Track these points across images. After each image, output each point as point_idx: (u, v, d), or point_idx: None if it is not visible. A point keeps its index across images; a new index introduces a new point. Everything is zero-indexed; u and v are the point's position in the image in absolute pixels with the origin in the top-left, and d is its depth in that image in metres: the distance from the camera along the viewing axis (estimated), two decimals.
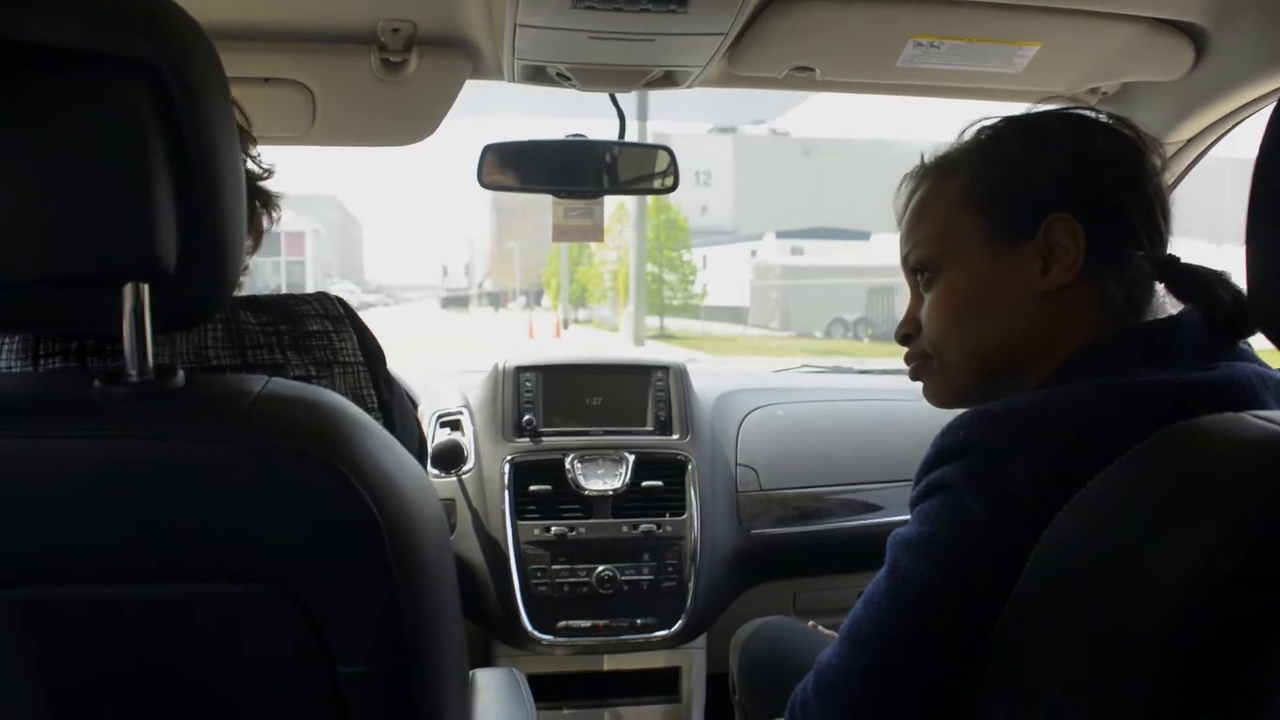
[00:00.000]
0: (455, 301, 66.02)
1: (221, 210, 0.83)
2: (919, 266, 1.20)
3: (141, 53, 0.77)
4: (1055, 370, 1.09)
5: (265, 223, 1.22)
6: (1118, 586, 0.82)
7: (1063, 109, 1.19)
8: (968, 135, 1.20)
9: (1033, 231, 1.10)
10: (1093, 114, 1.18)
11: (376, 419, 1.01)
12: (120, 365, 0.81)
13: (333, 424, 0.85)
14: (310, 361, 1.06)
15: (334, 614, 0.81)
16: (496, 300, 67.06)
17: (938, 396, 1.24)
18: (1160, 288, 1.13)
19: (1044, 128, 1.17)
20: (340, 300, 1.13)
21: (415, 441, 1.29)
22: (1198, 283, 1.09)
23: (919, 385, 1.26)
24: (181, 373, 0.84)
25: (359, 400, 1.08)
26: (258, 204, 1.20)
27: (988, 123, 1.19)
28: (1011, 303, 1.12)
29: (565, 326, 34.35)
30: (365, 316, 1.14)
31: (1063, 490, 0.91)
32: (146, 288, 0.80)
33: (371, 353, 1.12)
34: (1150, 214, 1.12)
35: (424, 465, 1.31)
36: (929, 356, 1.21)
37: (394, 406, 1.14)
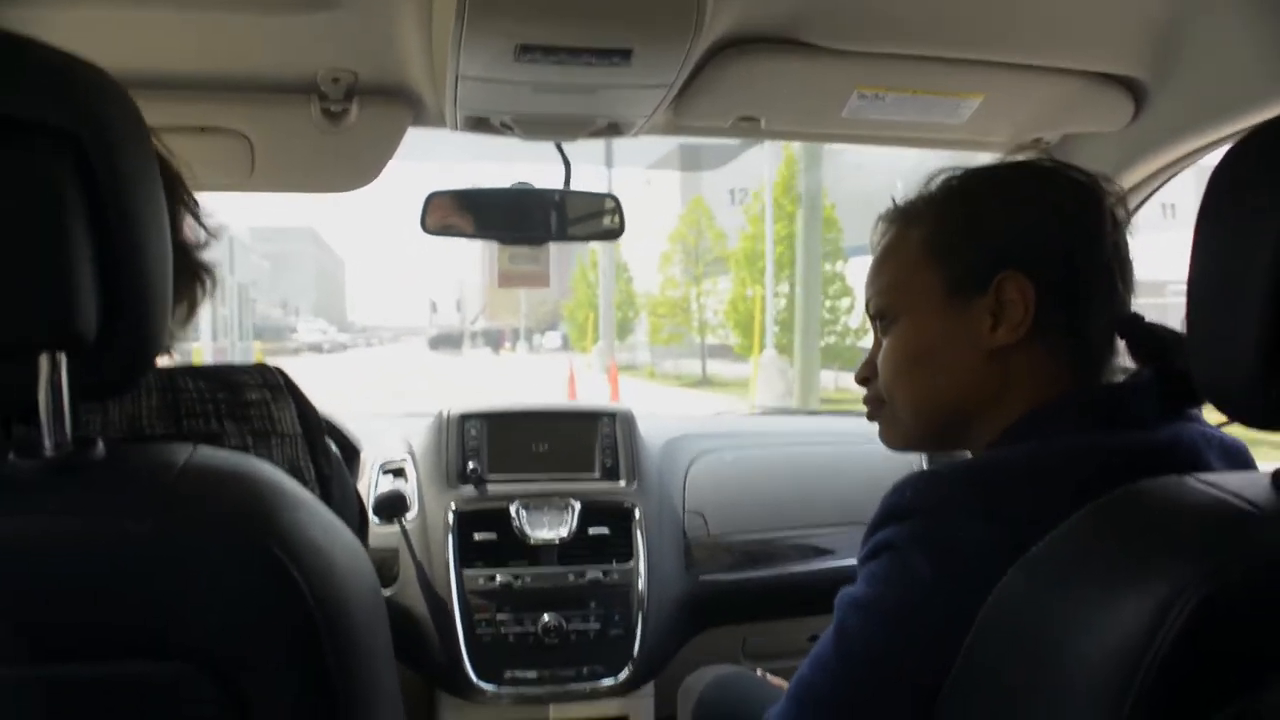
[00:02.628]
0: (446, 341, 60.65)
1: (145, 277, 0.80)
2: (877, 314, 1.20)
3: (63, 121, 0.75)
4: (1005, 431, 1.09)
5: (200, 293, 1.18)
6: (1060, 654, 0.81)
7: (1028, 159, 1.19)
8: (934, 185, 1.19)
9: (985, 287, 1.09)
10: (1056, 167, 1.18)
11: (314, 492, 0.99)
12: (36, 437, 0.78)
13: (262, 498, 0.82)
14: (248, 431, 1.03)
15: (263, 694, 0.78)
16: (494, 339, 61.69)
17: (890, 441, 1.24)
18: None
19: (1005, 181, 1.17)
20: (280, 371, 1.10)
21: (354, 516, 1.26)
22: (1157, 344, 1.09)
23: (868, 428, 1.28)
24: (101, 444, 0.81)
25: (296, 473, 1.05)
26: (193, 274, 1.17)
27: (953, 173, 1.19)
28: (960, 359, 1.12)
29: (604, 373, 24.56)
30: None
31: (1009, 552, 0.90)
32: (64, 357, 0.78)
33: (310, 425, 1.10)
34: (1109, 271, 1.11)
35: (363, 538, 1.27)
36: (884, 401, 1.21)
37: (333, 480, 1.12)
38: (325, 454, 1.11)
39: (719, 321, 29.26)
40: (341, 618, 0.80)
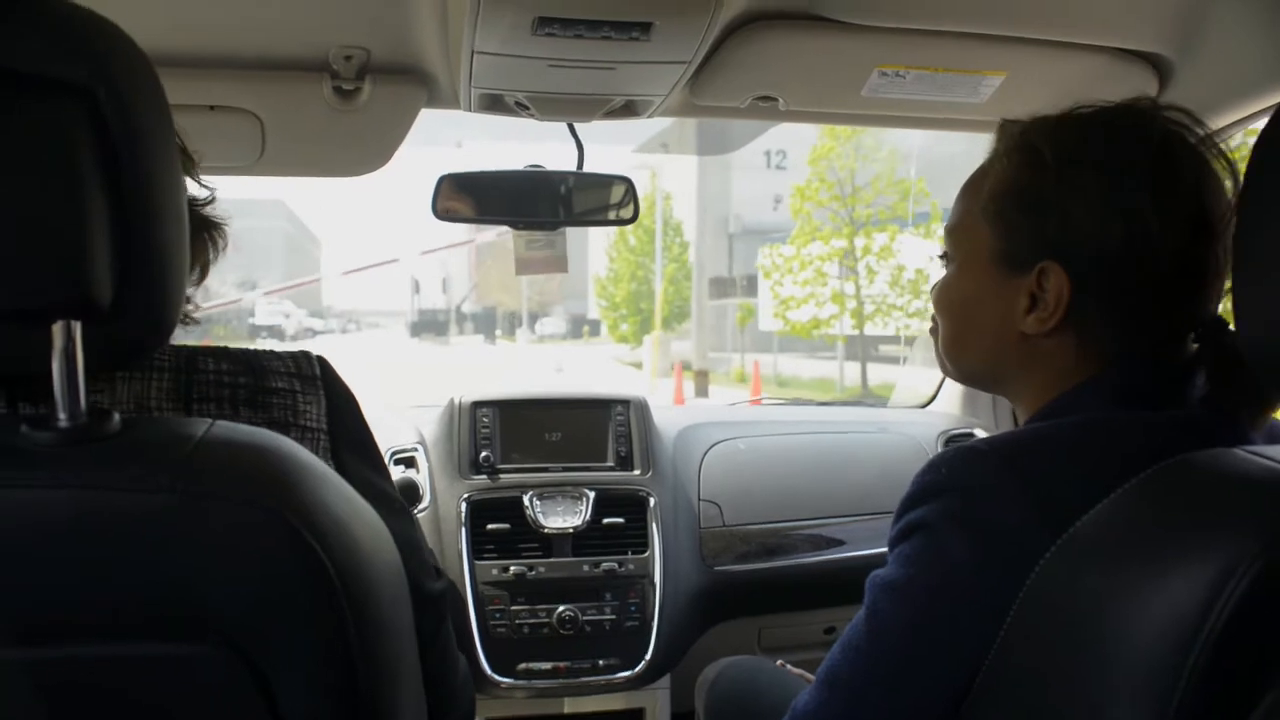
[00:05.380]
0: (430, 326, 53.48)
1: (161, 242, 0.78)
2: (946, 240, 1.18)
3: (78, 76, 0.72)
4: (1042, 407, 1.06)
5: (211, 253, 1.16)
6: (1108, 634, 0.79)
7: (1127, 108, 1.07)
8: (1020, 131, 1.10)
9: (1029, 269, 1.06)
10: (1149, 137, 1.03)
11: None
12: (51, 409, 0.76)
13: (284, 471, 0.79)
14: (264, 420, 0.99)
15: (284, 672, 0.76)
16: (488, 323, 52.63)
17: (939, 364, 1.23)
18: None
19: (1078, 155, 1.04)
20: (321, 361, 1.06)
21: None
22: (1227, 362, 0.99)
23: (880, 417, 1.25)
24: (117, 416, 0.78)
25: None
26: (204, 234, 1.14)
27: (1044, 124, 1.09)
28: (993, 327, 1.10)
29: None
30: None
31: (1050, 532, 0.88)
32: (79, 325, 0.75)
33: (341, 423, 1.04)
34: (1171, 282, 1.02)
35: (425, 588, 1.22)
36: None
37: (354, 484, 1.07)
38: (356, 452, 1.05)
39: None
40: (364, 593, 0.78)
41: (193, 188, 1.12)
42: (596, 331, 42.58)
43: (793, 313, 18.67)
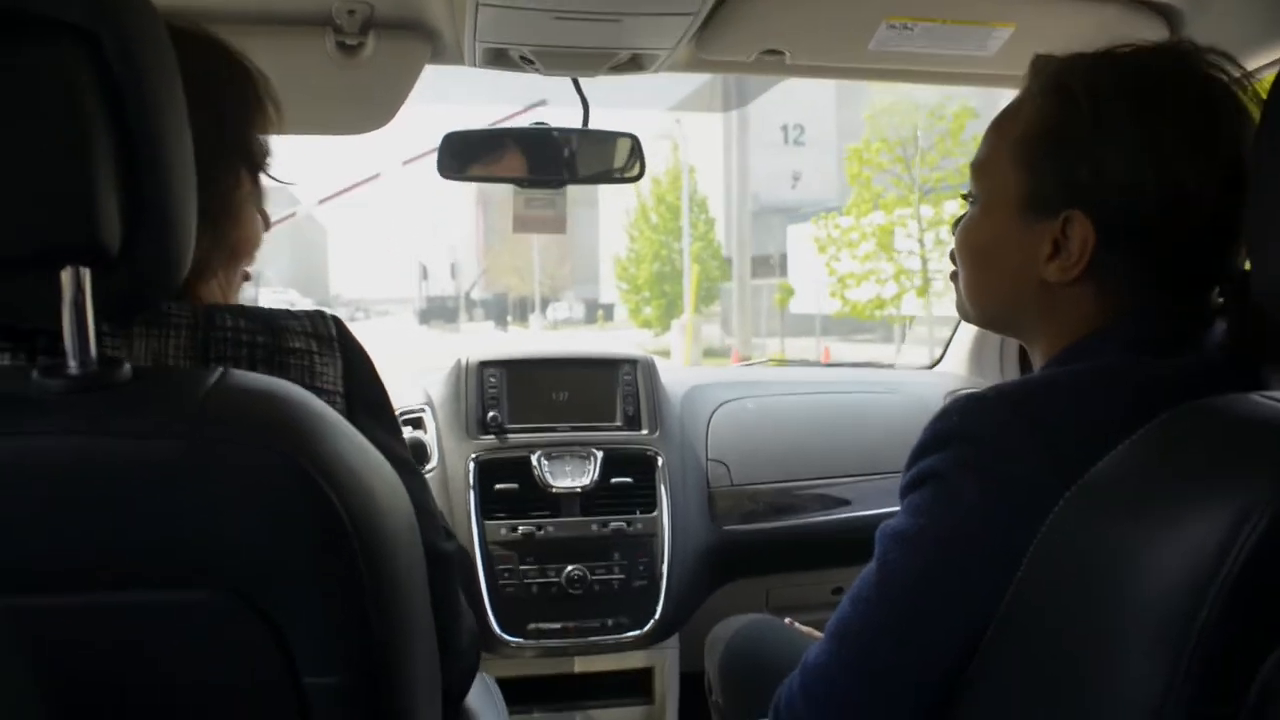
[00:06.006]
0: (438, 313, 51.22)
1: (169, 186, 0.78)
2: (971, 179, 1.15)
3: (79, 18, 0.72)
4: (1061, 352, 1.05)
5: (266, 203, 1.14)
6: (1123, 581, 0.78)
7: (1168, 49, 1.04)
8: (1054, 70, 1.07)
9: (1055, 215, 1.03)
10: (1186, 83, 1.00)
11: None
12: (61, 358, 0.75)
13: (297, 418, 0.79)
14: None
15: (298, 623, 0.75)
16: (499, 309, 50.04)
17: (957, 308, 1.22)
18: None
19: (1110, 100, 1.01)
20: (337, 321, 1.05)
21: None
22: (1247, 308, 0.97)
23: (888, 378, 1.25)
24: (128, 365, 0.78)
25: None
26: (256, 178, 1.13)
27: (1079, 63, 1.05)
28: (1015, 271, 1.08)
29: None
30: None
31: (1059, 476, 0.88)
32: (88, 272, 0.74)
33: (358, 383, 1.04)
34: (1203, 234, 1.00)
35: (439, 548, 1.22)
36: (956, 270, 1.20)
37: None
38: (371, 414, 1.05)
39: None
40: (378, 543, 0.78)
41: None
42: (611, 316, 40.56)
43: (852, 291, 17.02)
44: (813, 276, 18.73)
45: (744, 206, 25.93)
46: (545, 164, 1.92)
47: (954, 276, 1.19)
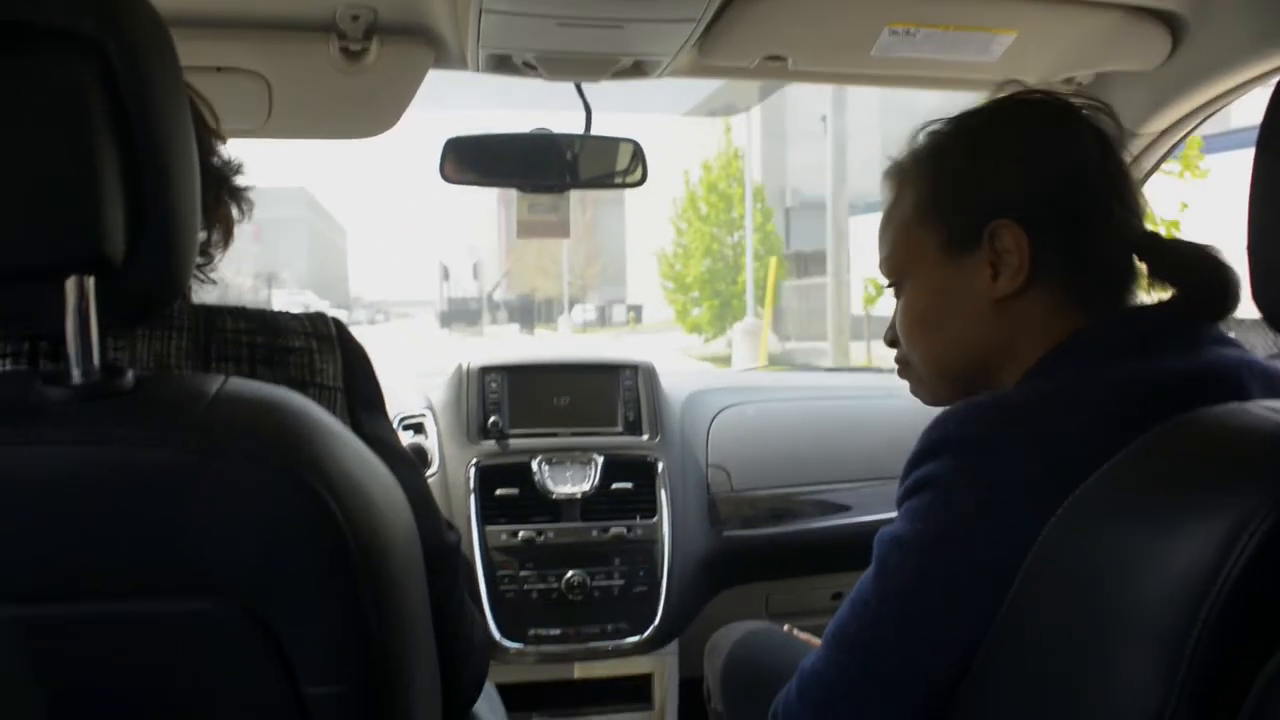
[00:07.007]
0: (461, 315, 50.26)
1: (173, 197, 0.78)
2: (888, 278, 1.20)
3: (85, 28, 0.72)
4: (1038, 363, 1.06)
5: (235, 213, 1.16)
6: (1119, 591, 0.79)
7: (1005, 98, 1.17)
8: (919, 141, 1.18)
9: (979, 239, 1.08)
10: (1033, 99, 1.16)
11: None
12: (65, 366, 0.76)
13: (299, 428, 0.79)
14: (283, 379, 0.99)
15: (298, 632, 0.75)
16: (524, 311, 48.14)
17: (921, 397, 1.24)
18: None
19: (982, 129, 1.15)
20: (336, 322, 1.07)
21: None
22: (1177, 259, 1.07)
23: (887, 383, 1.27)
24: (131, 373, 0.78)
25: None
26: (224, 196, 1.14)
27: (934, 127, 1.18)
28: (967, 313, 1.11)
29: None
30: None
31: (1054, 484, 0.88)
32: (92, 281, 0.75)
33: (357, 380, 1.05)
34: (1104, 198, 1.09)
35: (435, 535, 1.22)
36: (909, 362, 1.21)
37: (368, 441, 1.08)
38: (370, 411, 1.07)
39: None
40: (378, 552, 0.78)
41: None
42: (640, 318, 38.62)
43: None
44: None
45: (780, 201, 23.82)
46: (547, 168, 1.93)
47: (904, 365, 1.23)
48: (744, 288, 22.09)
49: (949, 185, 1.13)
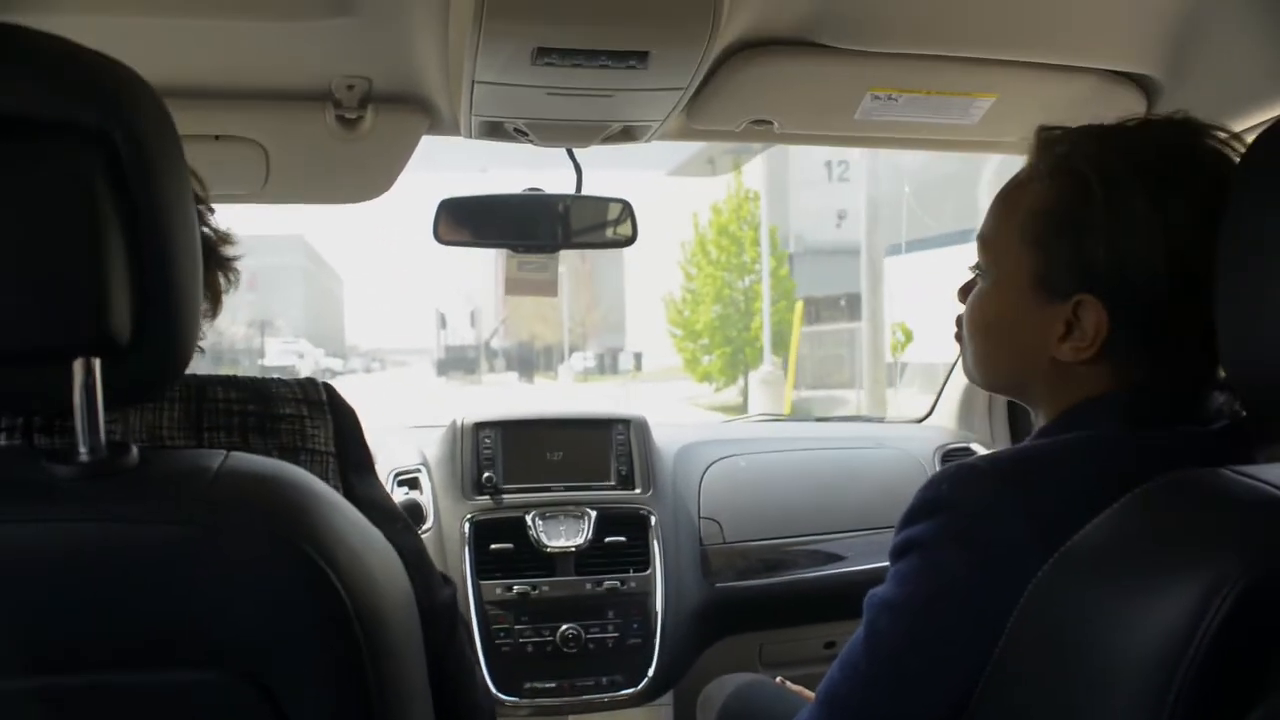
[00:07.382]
0: (458, 364, 48.46)
1: (177, 278, 0.80)
2: (979, 252, 1.15)
3: (92, 119, 0.74)
4: (1056, 419, 1.07)
5: (223, 284, 1.18)
6: (1099, 648, 0.81)
7: (1176, 126, 1.04)
8: (1066, 149, 1.06)
9: (1067, 298, 1.03)
10: (1194, 160, 1.01)
11: None
12: (70, 442, 0.77)
13: (299, 501, 0.81)
14: (275, 447, 1.01)
15: (300, 700, 0.77)
16: (524, 359, 46.41)
17: (965, 371, 1.23)
18: None
19: (1125, 183, 1.00)
20: (327, 386, 1.08)
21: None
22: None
23: (877, 432, 1.27)
24: (135, 450, 0.80)
25: None
26: (213, 265, 1.16)
27: (1082, 145, 1.05)
28: (1026, 348, 1.08)
29: None
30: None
31: (1044, 546, 0.90)
32: (98, 362, 0.77)
33: (347, 444, 1.07)
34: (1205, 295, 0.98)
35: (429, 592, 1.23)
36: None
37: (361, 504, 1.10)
38: (361, 474, 1.08)
39: None
40: (379, 623, 0.80)
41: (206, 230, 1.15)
42: (640, 365, 36.69)
43: None
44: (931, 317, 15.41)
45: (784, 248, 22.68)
46: (539, 229, 1.95)
47: (958, 338, 1.19)
48: (758, 334, 21.28)
49: (1065, 226, 1.03)
